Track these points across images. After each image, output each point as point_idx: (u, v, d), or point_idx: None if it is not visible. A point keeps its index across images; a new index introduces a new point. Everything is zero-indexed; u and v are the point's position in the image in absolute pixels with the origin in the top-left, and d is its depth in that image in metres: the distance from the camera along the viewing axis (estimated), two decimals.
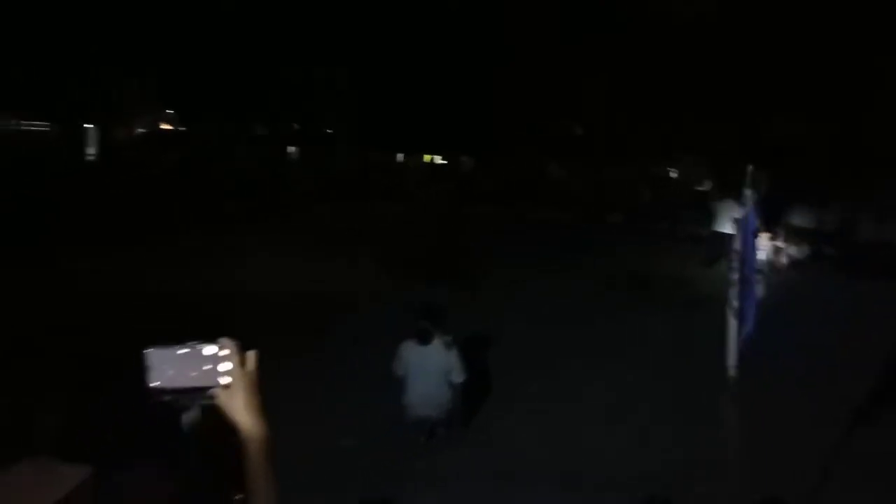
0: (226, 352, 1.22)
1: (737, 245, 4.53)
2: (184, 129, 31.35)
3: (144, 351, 1.20)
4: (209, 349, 1.22)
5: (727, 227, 14.06)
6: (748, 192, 4.63)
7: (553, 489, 4.86)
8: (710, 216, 14.14)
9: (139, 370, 1.19)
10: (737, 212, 13.68)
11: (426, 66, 22.97)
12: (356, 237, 14.38)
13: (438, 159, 35.16)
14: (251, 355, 1.26)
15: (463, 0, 21.71)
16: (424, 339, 5.43)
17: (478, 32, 22.18)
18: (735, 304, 4.32)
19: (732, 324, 4.30)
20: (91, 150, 23.66)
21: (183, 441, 2.98)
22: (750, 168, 4.55)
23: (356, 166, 22.89)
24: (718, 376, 4.30)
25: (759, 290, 4.60)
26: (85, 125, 23.30)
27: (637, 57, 19.82)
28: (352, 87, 23.65)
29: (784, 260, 14.06)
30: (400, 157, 33.67)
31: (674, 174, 26.37)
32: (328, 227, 15.92)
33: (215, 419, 1.23)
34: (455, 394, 5.49)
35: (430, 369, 5.39)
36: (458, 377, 5.43)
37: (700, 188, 23.75)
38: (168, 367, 1.20)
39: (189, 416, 2.95)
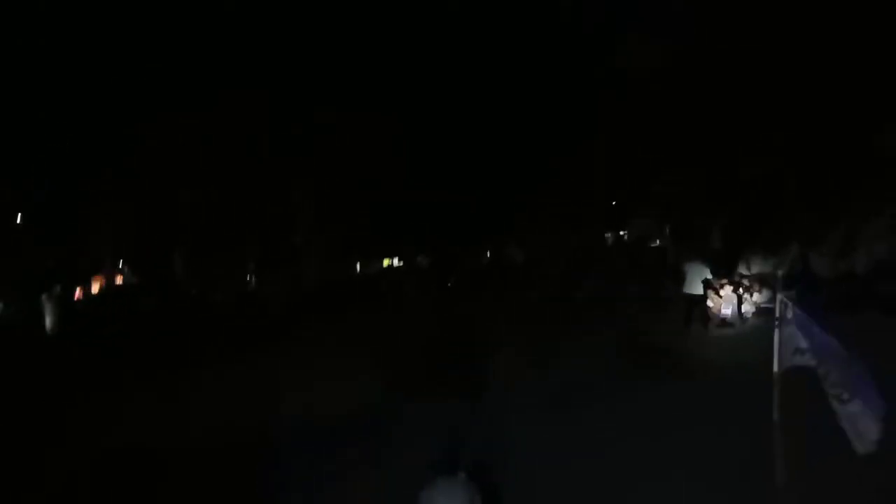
0: None
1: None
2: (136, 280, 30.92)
3: None
4: None
5: (697, 289, 14.00)
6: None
7: None
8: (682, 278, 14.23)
9: None
10: (707, 274, 14.09)
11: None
12: (356, 350, 14.21)
13: (396, 261, 35.88)
14: None
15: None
16: (451, 471, 5.30)
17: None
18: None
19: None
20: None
21: None
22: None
23: (327, 278, 23.06)
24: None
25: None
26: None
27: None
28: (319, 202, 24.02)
29: (750, 308, 14.09)
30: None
31: (625, 236, 27.64)
32: (323, 342, 15.61)
33: None
34: None
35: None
36: None
37: (654, 245, 24.98)
38: None
39: None
